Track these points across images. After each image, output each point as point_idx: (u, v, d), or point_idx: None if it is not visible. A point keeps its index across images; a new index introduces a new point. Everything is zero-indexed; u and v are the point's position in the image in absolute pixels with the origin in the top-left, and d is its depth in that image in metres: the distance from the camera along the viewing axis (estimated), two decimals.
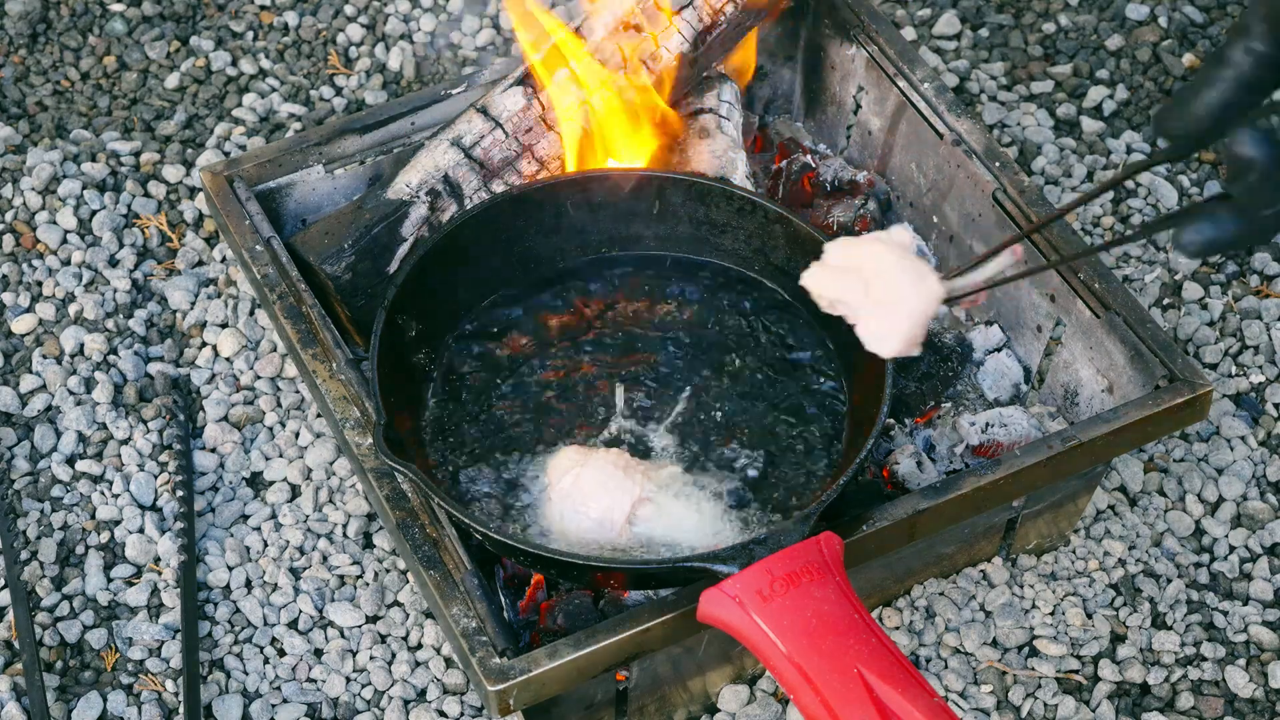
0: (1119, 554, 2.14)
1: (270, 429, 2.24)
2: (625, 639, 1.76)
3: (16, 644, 2.03)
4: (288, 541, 2.14)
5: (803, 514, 1.76)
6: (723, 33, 2.22)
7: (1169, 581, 2.13)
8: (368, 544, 2.14)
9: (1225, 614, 2.11)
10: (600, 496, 1.86)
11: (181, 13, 2.74)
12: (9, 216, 2.46)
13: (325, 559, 2.12)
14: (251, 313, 2.34)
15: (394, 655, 2.05)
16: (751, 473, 1.94)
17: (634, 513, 1.86)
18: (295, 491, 2.19)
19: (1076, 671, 2.05)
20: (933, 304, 1.65)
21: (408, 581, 2.10)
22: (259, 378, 2.29)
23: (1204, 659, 2.07)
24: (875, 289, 1.66)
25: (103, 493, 2.18)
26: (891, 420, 2.10)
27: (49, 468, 2.20)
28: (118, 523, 2.16)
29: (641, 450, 1.95)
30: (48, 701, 1.99)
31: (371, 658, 2.04)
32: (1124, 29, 2.74)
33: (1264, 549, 2.17)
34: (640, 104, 2.16)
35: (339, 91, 2.64)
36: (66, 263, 2.41)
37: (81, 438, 2.23)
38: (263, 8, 2.75)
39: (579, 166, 2.16)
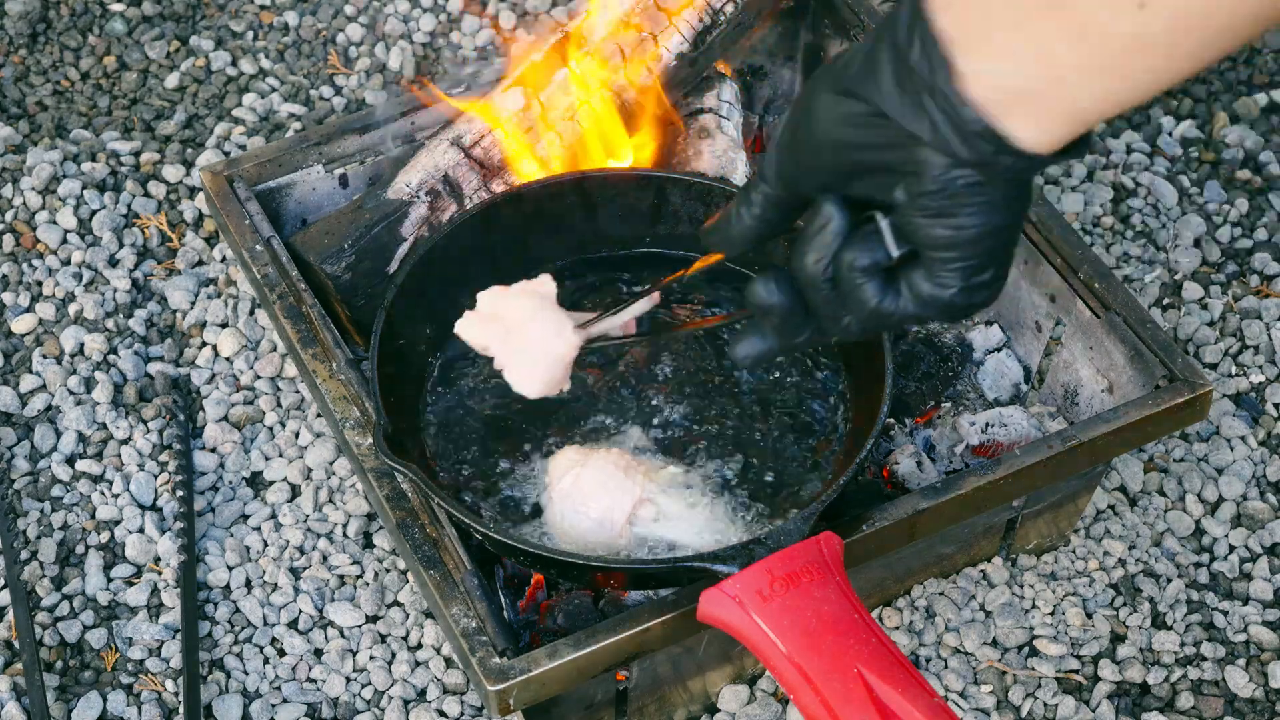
0: (1119, 554, 2.14)
1: (270, 429, 2.24)
2: (625, 639, 1.76)
3: (16, 644, 2.03)
4: (288, 541, 2.14)
5: (803, 514, 1.76)
6: (722, 33, 2.22)
7: (1169, 581, 2.13)
8: (368, 544, 2.14)
9: (1225, 614, 2.11)
10: (600, 497, 1.86)
11: (181, 12, 2.74)
12: (9, 216, 2.46)
13: (325, 559, 2.12)
14: (251, 312, 2.34)
15: (394, 655, 2.05)
16: (751, 473, 1.94)
17: (634, 513, 1.86)
18: (295, 491, 2.19)
19: (1076, 671, 2.05)
20: (569, 351, 1.82)
21: (408, 581, 2.10)
22: (259, 377, 2.29)
23: (1204, 659, 2.07)
24: (516, 337, 1.83)
25: (103, 492, 2.18)
26: (891, 420, 2.10)
27: (49, 467, 2.20)
28: (118, 522, 2.16)
29: (641, 450, 1.95)
30: (48, 701, 1.99)
31: (371, 657, 2.04)
32: None
33: (1264, 549, 2.17)
34: (642, 102, 2.17)
35: (339, 91, 2.64)
36: (66, 262, 2.41)
37: (81, 437, 2.23)
38: (263, 7, 2.75)
39: (579, 166, 2.16)
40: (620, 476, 1.87)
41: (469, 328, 1.87)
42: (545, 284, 1.89)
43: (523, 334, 1.84)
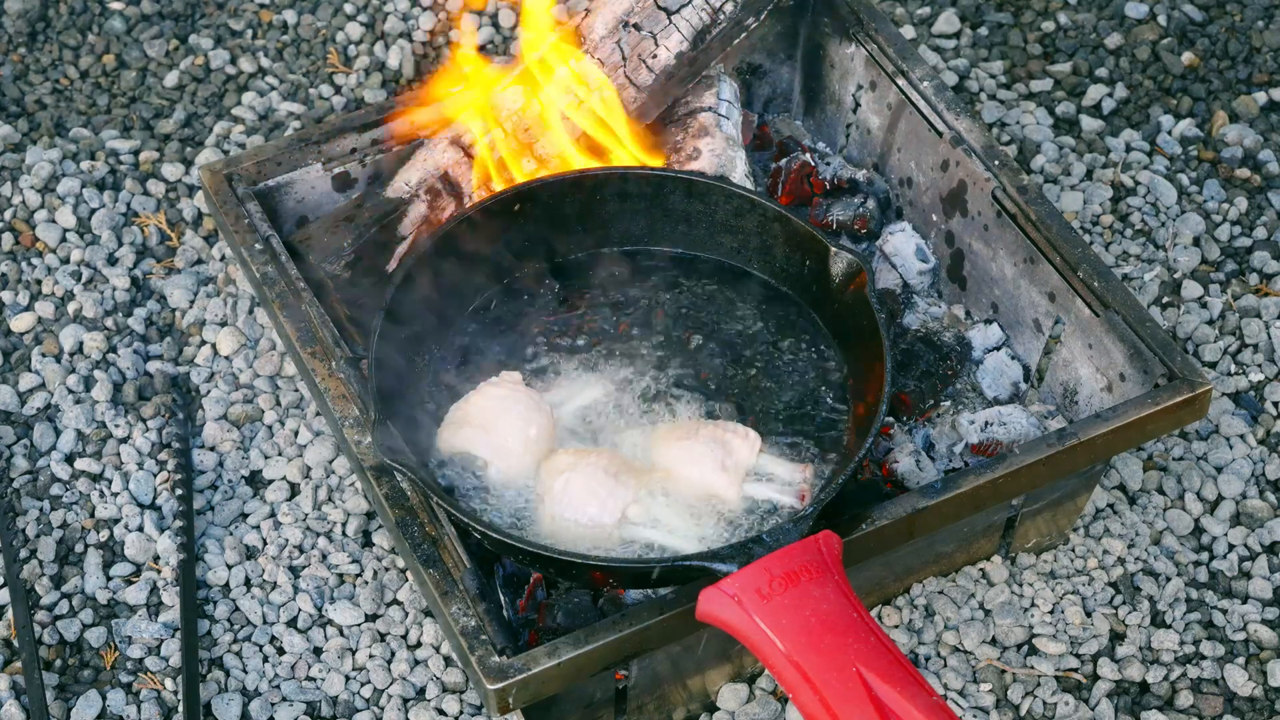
0: (1118, 552, 2.14)
1: (269, 427, 2.24)
2: (624, 638, 1.76)
3: (16, 642, 2.03)
4: (287, 540, 2.14)
5: (801, 513, 1.76)
6: (722, 31, 2.22)
7: (1168, 580, 2.13)
8: (367, 542, 2.14)
9: (1224, 612, 2.11)
10: (590, 500, 1.86)
11: (180, 11, 2.74)
12: (8, 215, 2.46)
13: (324, 557, 2.12)
14: (250, 311, 2.34)
15: (393, 654, 2.05)
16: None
17: (624, 515, 1.86)
18: (294, 490, 2.19)
19: (1076, 670, 2.05)
20: (548, 431, 1.91)
21: (407, 580, 2.10)
22: (258, 376, 2.29)
23: (1203, 657, 2.07)
24: (495, 433, 1.90)
25: (102, 491, 2.18)
26: (891, 419, 2.10)
27: (48, 466, 2.20)
28: (117, 521, 2.16)
29: (640, 449, 1.95)
30: (47, 700, 1.99)
31: (371, 656, 2.04)
32: (1123, 27, 2.74)
33: (1263, 547, 2.17)
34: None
35: (338, 90, 2.64)
36: (65, 261, 2.41)
37: (81, 436, 2.23)
38: (262, 6, 2.75)
39: (577, 165, 2.16)
40: (610, 482, 1.87)
41: (446, 441, 1.92)
42: (510, 377, 1.96)
43: (501, 428, 1.90)
